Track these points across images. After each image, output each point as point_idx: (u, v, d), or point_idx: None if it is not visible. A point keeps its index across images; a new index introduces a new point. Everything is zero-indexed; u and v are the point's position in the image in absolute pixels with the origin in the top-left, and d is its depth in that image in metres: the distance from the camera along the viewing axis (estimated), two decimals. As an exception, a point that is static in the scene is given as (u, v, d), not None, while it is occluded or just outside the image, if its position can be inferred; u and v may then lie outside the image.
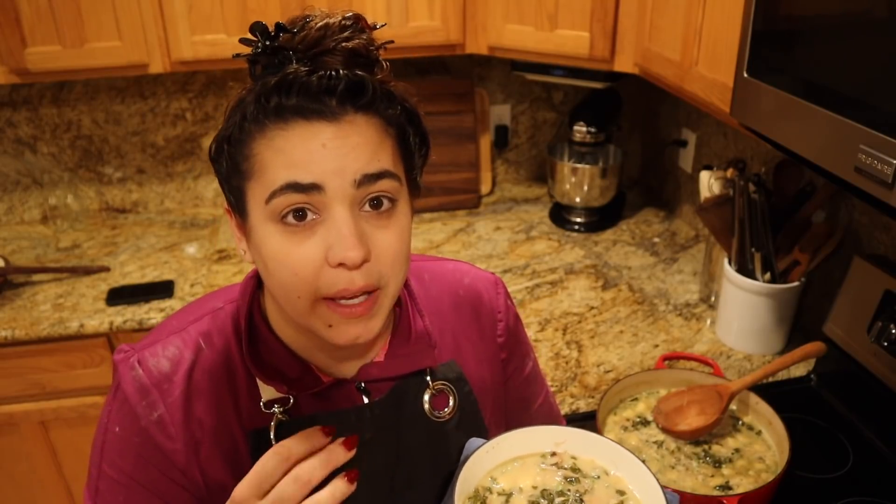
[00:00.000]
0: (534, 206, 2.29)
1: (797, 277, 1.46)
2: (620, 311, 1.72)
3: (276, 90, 0.63)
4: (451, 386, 0.82)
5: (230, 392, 0.75)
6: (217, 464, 0.74)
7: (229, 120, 0.67)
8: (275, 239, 0.65)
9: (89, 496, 0.75)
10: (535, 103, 2.34)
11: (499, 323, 0.89)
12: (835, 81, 0.91)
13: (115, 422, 0.73)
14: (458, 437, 0.82)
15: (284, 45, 0.64)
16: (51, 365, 1.75)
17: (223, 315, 0.77)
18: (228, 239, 2.09)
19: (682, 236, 2.09)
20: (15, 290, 1.82)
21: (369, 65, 0.66)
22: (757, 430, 1.21)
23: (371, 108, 0.65)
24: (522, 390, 0.95)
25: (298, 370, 0.75)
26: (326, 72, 0.63)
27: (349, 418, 0.76)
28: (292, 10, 1.74)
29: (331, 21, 0.63)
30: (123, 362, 0.74)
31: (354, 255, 0.63)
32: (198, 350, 0.75)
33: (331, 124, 0.63)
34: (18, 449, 1.85)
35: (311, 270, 0.64)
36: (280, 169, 0.63)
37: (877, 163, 0.82)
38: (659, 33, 1.53)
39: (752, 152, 1.78)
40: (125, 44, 1.72)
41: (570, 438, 0.79)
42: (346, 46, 0.63)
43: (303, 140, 0.62)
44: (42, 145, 2.13)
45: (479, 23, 1.84)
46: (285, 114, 0.63)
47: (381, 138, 0.66)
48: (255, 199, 0.65)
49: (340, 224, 0.63)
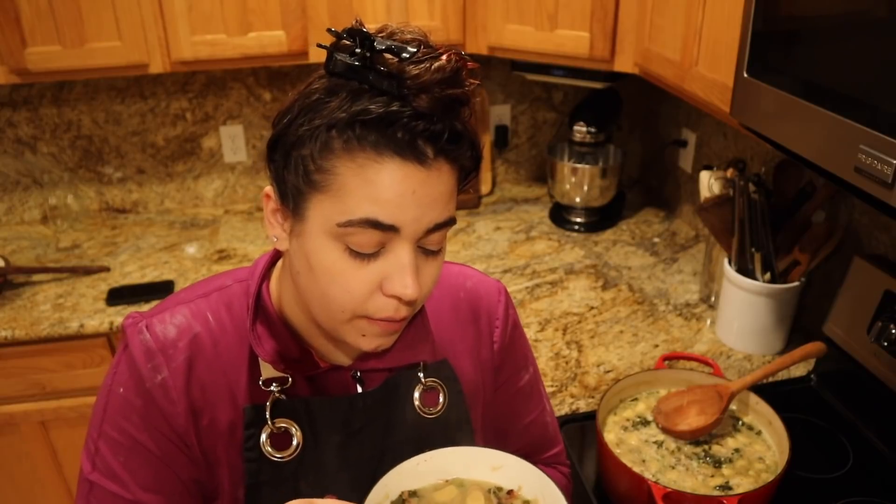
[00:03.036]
0: (534, 206, 2.29)
1: (797, 277, 1.46)
2: (620, 311, 1.72)
3: (379, 124, 0.62)
4: (443, 384, 0.84)
5: (231, 366, 0.77)
6: (213, 433, 0.76)
7: (301, 119, 0.64)
8: (334, 256, 0.66)
9: (87, 457, 0.77)
10: (535, 103, 2.34)
11: (496, 329, 0.90)
12: (835, 81, 0.91)
13: (120, 383, 0.75)
14: (445, 435, 0.83)
15: (393, 71, 0.61)
16: (51, 365, 1.75)
17: (231, 292, 0.80)
18: (228, 239, 2.09)
19: (682, 236, 2.09)
20: (15, 290, 1.82)
21: (464, 110, 0.67)
22: (757, 430, 1.21)
23: (458, 159, 0.67)
24: (513, 403, 0.95)
25: (298, 352, 0.77)
26: (433, 119, 0.62)
27: (343, 405, 0.78)
28: (292, 9, 1.74)
29: (446, 65, 0.62)
30: (132, 326, 0.76)
31: (412, 294, 0.66)
32: (204, 322, 0.77)
33: (423, 170, 0.63)
34: (18, 449, 1.85)
35: (364, 293, 0.67)
36: (364, 201, 0.63)
37: (877, 163, 0.82)
38: (659, 33, 1.53)
39: (752, 152, 1.78)
40: (125, 44, 1.72)
41: (507, 464, 0.77)
42: (451, 95, 0.63)
43: (394, 181, 0.62)
44: (42, 145, 2.13)
45: (479, 23, 1.84)
46: (381, 148, 0.62)
47: (455, 185, 0.68)
48: (323, 213, 0.65)
49: (404, 262, 0.66)
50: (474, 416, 0.87)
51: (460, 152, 0.66)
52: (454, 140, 0.64)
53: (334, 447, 0.78)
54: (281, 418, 0.76)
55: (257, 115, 2.21)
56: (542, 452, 1.00)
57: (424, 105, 0.61)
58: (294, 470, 0.77)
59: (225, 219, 2.23)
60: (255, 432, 0.76)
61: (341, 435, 0.79)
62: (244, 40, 1.76)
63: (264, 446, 0.76)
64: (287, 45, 1.78)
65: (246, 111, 2.19)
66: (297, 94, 0.67)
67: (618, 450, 1.17)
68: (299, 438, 0.77)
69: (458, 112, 0.65)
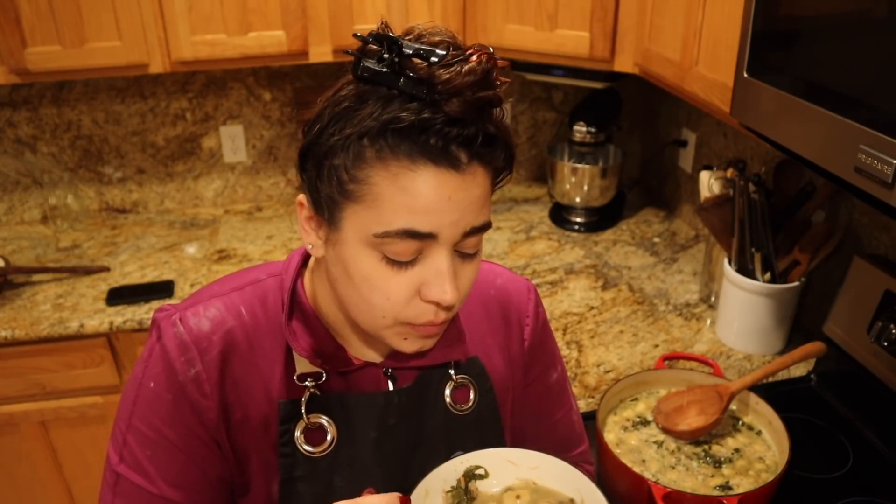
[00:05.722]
0: (534, 206, 2.29)
1: (797, 277, 1.46)
2: (620, 311, 1.72)
3: (411, 132, 0.61)
4: (473, 381, 0.84)
5: (266, 361, 0.77)
6: (245, 429, 0.76)
7: (332, 128, 0.64)
8: (371, 263, 0.66)
9: (115, 449, 0.76)
10: (535, 103, 2.34)
11: (526, 327, 0.90)
12: (835, 81, 0.91)
13: (151, 377, 0.75)
14: (476, 431, 0.84)
15: (423, 76, 0.60)
16: (51, 365, 1.75)
17: (265, 286, 0.79)
18: (228, 239, 2.09)
19: (682, 236, 2.09)
20: (15, 290, 1.82)
21: (496, 111, 0.66)
22: (757, 430, 1.21)
23: (492, 162, 0.66)
24: (542, 400, 0.95)
25: (333, 348, 0.77)
26: (466, 124, 0.62)
27: (378, 402, 0.79)
28: (292, 9, 1.74)
29: (476, 67, 0.61)
30: (165, 319, 0.75)
31: (450, 299, 0.66)
32: (238, 316, 0.77)
33: (458, 175, 0.63)
34: (18, 449, 1.85)
35: (404, 299, 0.67)
36: (400, 211, 0.62)
37: (877, 163, 0.82)
38: (659, 33, 1.53)
39: (752, 152, 1.78)
40: (125, 44, 1.72)
41: (544, 464, 0.78)
42: (482, 97, 0.62)
43: (430, 188, 0.62)
44: (42, 145, 2.13)
45: (479, 23, 1.84)
46: (415, 156, 0.61)
47: (490, 187, 0.68)
48: (359, 222, 0.65)
49: (442, 267, 0.66)
50: (503, 413, 0.88)
51: (494, 155, 0.66)
52: (488, 143, 0.64)
53: (370, 443, 0.79)
54: (316, 413, 0.76)
55: (257, 115, 2.21)
56: (569, 450, 1.00)
57: (456, 109, 0.60)
58: (328, 465, 0.77)
59: (225, 219, 2.23)
60: (289, 427, 0.76)
61: (377, 431, 0.79)
62: (244, 40, 1.76)
63: (299, 441, 0.76)
64: (287, 45, 1.78)
65: (246, 111, 2.19)
66: (326, 101, 0.66)
67: (618, 450, 1.17)
68: (333, 434, 0.77)
69: (490, 114, 0.64)
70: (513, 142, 0.68)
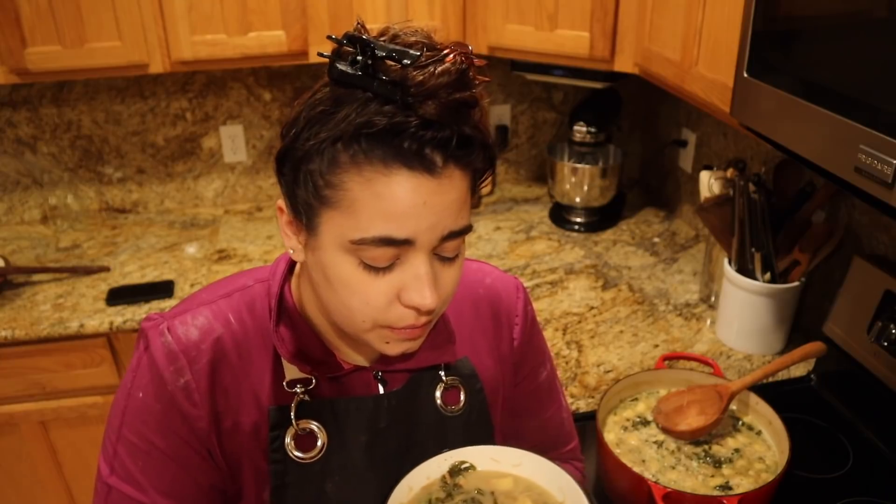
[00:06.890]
0: (534, 206, 2.29)
1: (797, 277, 1.46)
2: (620, 311, 1.72)
3: (385, 136, 0.60)
4: (464, 382, 0.84)
5: (255, 367, 0.76)
6: (236, 436, 0.76)
7: (307, 133, 0.62)
8: (349, 269, 0.65)
9: (105, 460, 0.76)
10: (535, 103, 2.34)
11: (515, 326, 0.90)
12: (835, 81, 0.91)
13: (140, 387, 0.74)
14: (467, 432, 0.84)
15: (396, 78, 0.59)
16: (51, 365, 1.75)
17: (252, 293, 0.79)
18: (228, 239, 2.09)
19: (682, 236, 2.09)
20: (15, 290, 1.82)
21: (473, 112, 0.64)
22: (757, 430, 1.21)
23: (469, 164, 0.65)
24: (532, 398, 0.95)
25: (321, 352, 0.77)
26: (441, 126, 0.60)
27: (368, 406, 0.78)
28: (292, 9, 1.74)
29: (451, 68, 0.60)
30: (153, 329, 0.75)
31: (430, 304, 0.65)
32: (226, 323, 0.76)
33: (433, 179, 0.62)
34: (18, 449, 1.85)
35: (383, 304, 0.66)
36: (376, 218, 0.61)
37: (877, 163, 0.82)
38: (659, 33, 1.53)
39: (752, 152, 1.78)
40: (125, 44, 1.72)
41: (525, 461, 0.79)
42: (458, 99, 0.60)
43: (405, 193, 0.61)
44: (42, 145, 2.13)
45: (479, 23, 1.84)
46: (389, 160, 0.60)
47: (468, 189, 0.66)
48: (335, 228, 0.64)
49: (420, 272, 0.65)
50: (493, 413, 0.88)
51: (471, 157, 0.64)
52: (464, 145, 0.62)
53: (361, 447, 0.78)
54: (306, 419, 0.76)
55: (257, 115, 2.21)
56: (559, 448, 1.00)
57: (431, 112, 0.59)
58: (320, 470, 0.77)
59: (225, 219, 2.23)
60: (279, 434, 0.75)
61: (367, 434, 0.79)
62: (244, 40, 1.76)
63: (289, 448, 0.76)
64: (287, 45, 1.78)
65: (246, 111, 2.19)
66: (303, 103, 0.65)
67: (618, 450, 1.17)
68: (324, 439, 0.77)
69: (466, 115, 0.62)
70: (492, 140, 0.67)
